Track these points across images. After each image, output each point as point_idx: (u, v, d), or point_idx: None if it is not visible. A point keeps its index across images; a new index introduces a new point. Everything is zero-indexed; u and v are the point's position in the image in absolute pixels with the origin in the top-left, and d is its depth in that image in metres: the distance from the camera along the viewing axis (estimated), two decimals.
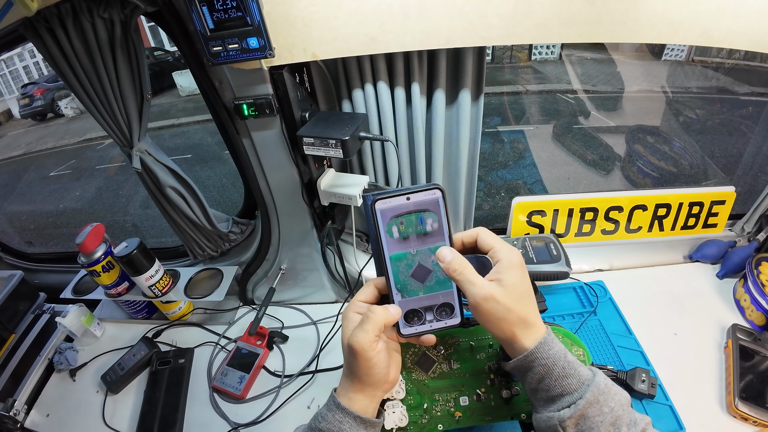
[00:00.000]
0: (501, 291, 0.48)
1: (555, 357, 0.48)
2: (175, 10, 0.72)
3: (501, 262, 0.50)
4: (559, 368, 0.47)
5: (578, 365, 0.48)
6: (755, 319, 0.99)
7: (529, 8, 0.70)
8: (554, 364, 0.48)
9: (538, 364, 0.48)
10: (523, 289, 0.50)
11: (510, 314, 0.48)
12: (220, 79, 0.81)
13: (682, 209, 1.11)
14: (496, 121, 5.48)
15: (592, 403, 0.45)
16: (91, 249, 1.03)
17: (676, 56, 6.86)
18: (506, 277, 0.49)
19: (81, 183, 5.60)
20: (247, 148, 0.91)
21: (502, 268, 0.50)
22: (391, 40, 0.73)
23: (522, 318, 0.49)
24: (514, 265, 0.50)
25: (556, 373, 0.47)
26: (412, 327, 0.55)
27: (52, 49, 0.76)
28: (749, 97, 5.32)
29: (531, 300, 0.51)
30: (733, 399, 0.83)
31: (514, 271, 0.50)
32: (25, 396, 1.02)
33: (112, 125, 0.86)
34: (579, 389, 0.47)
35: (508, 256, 0.50)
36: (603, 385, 0.47)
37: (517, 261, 0.51)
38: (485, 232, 0.53)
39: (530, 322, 0.50)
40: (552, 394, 0.48)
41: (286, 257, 1.13)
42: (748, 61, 5.92)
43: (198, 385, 1.02)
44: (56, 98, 8.74)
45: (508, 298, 0.48)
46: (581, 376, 0.47)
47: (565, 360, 0.48)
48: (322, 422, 0.51)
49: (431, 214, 0.52)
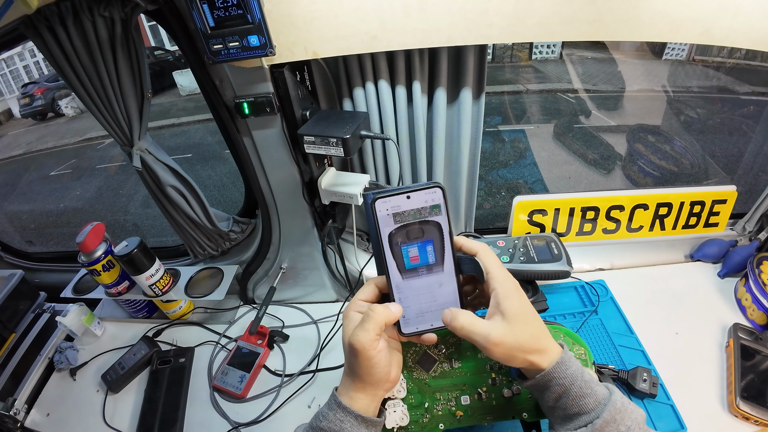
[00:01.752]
0: (506, 328, 0.48)
1: (572, 377, 0.48)
2: (175, 8, 0.72)
3: (497, 291, 0.50)
4: (577, 388, 0.48)
5: (595, 384, 0.49)
6: (757, 318, 0.99)
7: (530, 6, 0.70)
8: (572, 384, 0.48)
9: (556, 384, 0.48)
10: (525, 314, 0.50)
11: (522, 348, 0.49)
12: (221, 77, 0.81)
13: (684, 208, 1.11)
14: (496, 120, 5.48)
15: (608, 422, 0.45)
16: (92, 248, 1.02)
17: (677, 55, 6.86)
18: (506, 307, 0.49)
19: (81, 182, 5.60)
20: (248, 146, 0.91)
21: (500, 298, 0.50)
22: (392, 39, 0.73)
23: (534, 347, 0.49)
24: (510, 293, 0.50)
25: (573, 392, 0.48)
26: (412, 326, 0.54)
27: (52, 48, 0.76)
28: (750, 97, 5.32)
29: (537, 324, 0.51)
30: (734, 398, 0.83)
31: (513, 299, 0.50)
32: (25, 395, 1.02)
33: (112, 124, 0.86)
34: (596, 409, 0.47)
35: (503, 284, 0.51)
36: (620, 404, 0.47)
37: (512, 287, 0.50)
38: (485, 251, 0.53)
39: (543, 348, 0.50)
40: (569, 413, 0.48)
41: (286, 256, 1.13)
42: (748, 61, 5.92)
43: (198, 384, 1.02)
44: (56, 98, 8.74)
45: (515, 333, 0.48)
46: (598, 396, 0.48)
47: (582, 379, 0.48)
48: (323, 421, 0.51)
49: (432, 213, 0.52)
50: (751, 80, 5.52)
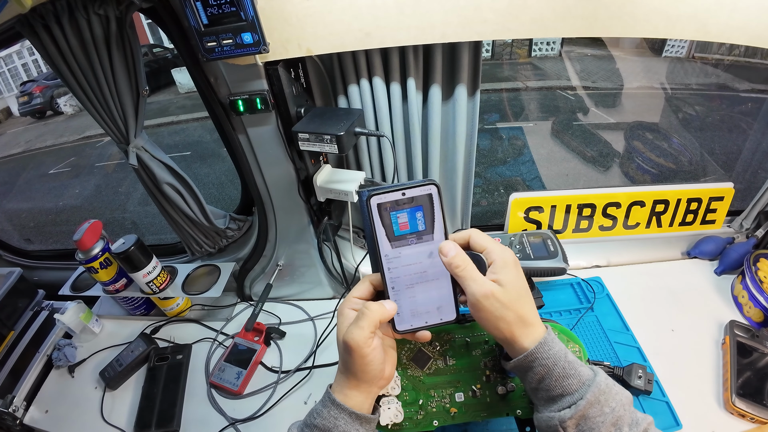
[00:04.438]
0: (500, 289, 0.48)
1: (555, 357, 0.48)
2: (169, 6, 0.72)
3: (495, 262, 0.51)
4: (560, 368, 0.48)
5: (579, 365, 0.48)
6: (753, 315, 0.99)
7: (524, 3, 0.70)
8: (555, 364, 0.48)
9: (539, 364, 0.48)
10: (519, 287, 0.50)
11: (508, 312, 0.49)
12: (216, 74, 0.81)
13: (680, 205, 1.11)
14: (494, 117, 5.47)
15: (592, 404, 0.45)
16: (89, 246, 1.03)
17: (677, 53, 6.84)
18: (503, 276, 0.49)
19: (80, 180, 5.60)
20: (243, 144, 0.91)
21: (498, 267, 0.50)
22: (385, 35, 0.73)
23: (520, 316, 0.49)
24: (508, 264, 0.50)
25: (556, 373, 0.47)
26: (407, 323, 0.55)
27: (48, 46, 0.76)
28: (749, 94, 5.31)
29: (528, 299, 0.51)
30: (730, 395, 0.84)
31: (510, 270, 0.50)
32: (24, 392, 1.02)
33: (108, 122, 0.87)
34: (580, 389, 0.47)
35: (501, 255, 0.51)
36: (604, 385, 0.47)
37: (511, 260, 0.51)
38: (477, 233, 0.54)
39: (529, 321, 0.50)
40: (552, 394, 0.48)
41: (283, 253, 1.13)
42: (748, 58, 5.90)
43: (196, 380, 1.03)
44: (55, 96, 8.73)
45: (507, 296, 0.49)
46: (582, 376, 0.47)
47: (566, 360, 0.48)
48: (318, 418, 0.51)
49: (427, 210, 0.52)
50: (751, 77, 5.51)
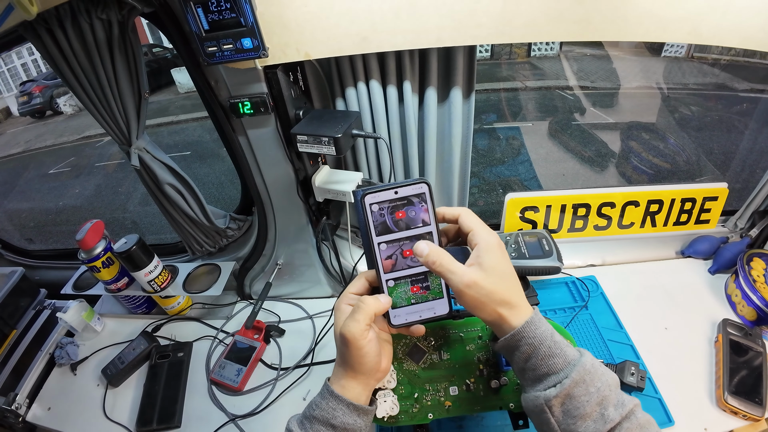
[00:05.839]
0: (482, 275, 0.49)
1: (541, 336, 0.48)
2: (171, 11, 0.73)
3: (479, 245, 0.51)
4: (546, 347, 0.48)
5: (565, 345, 0.49)
6: (746, 314, 1.00)
7: (517, 7, 0.71)
8: (540, 343, 0.48)
9: (525, 344, 0.49)
10: (503, 269, 0.50)
11: (493, 296, 0.49)
12: (216, 78, 0.82)
13: (674, 205, 1.12)
14: (492, 117, 5.47)
15: (578, 383, 0.46)
16: (91, 245, 1.04)
17: (676, 52, 6.84)
18: (485, 260, 0.49)
19: (80, 180, 5.60)
20: (243, 145, 0.92)
21: (481, 251, 0.50)
22: (382, 40, 0.75)
23: (505, 299, 0.49)
24: (491, 247, 0.50)
25: (542, 352, 0.48)
26: (401, 318, 0.56)
27: (51, 50, 0.77)
28: (749, 94, 5.32)
29: (513, 280, 0.51)
30: (722, 393, 0.85)
31: (493, 254, 0.50)
32: (26, 390, 1.03)
33: (110, 123, 0.88)
34: (565, 369, 0.47)
35: (485, 239, 0.51)
36: (590, 365, 0.47)
37: (494, 243, 0.51)
38: (467, 213, 0.54)
39: (514, 303, 0.50)
40: (538, 373, 0.49)
41: (282, 253, 1.14)
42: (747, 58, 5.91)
43: (196, 377, 1.04)
44: (55, 96, 8.72)
45: (490, 280, 0.49)
46: (567, 356, 0.48)
47: (552, 340, 0.49)
48: (317, 410, 0.52)
49: (419, 207, 0.53)
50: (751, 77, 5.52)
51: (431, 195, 0.53)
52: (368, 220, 0.53)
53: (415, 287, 0.56)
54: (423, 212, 0.53)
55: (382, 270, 0.55)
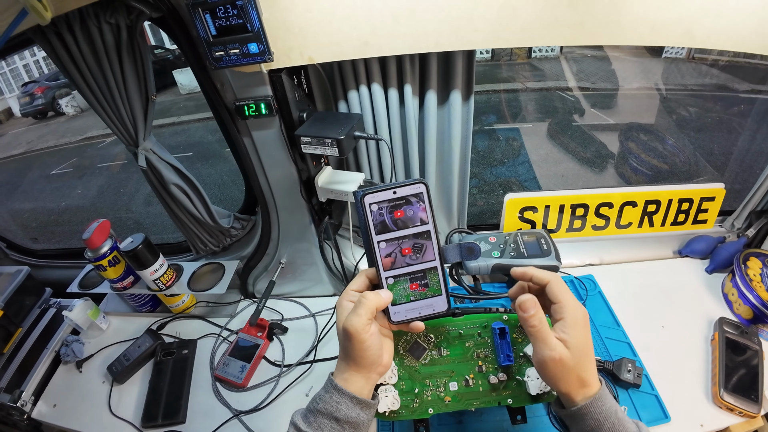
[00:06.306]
0: (568, 354, 0.50)
1: (607, 412, 0.50)
2: (179, 17, 0.75)
3: (566, 320, 0.52)
4: (609, 424, 0.50)
5: (627, 421, 0.51)
6: (742, 312, 1.01)
7: (513, 13, 0.72)
8: (606, 419, 0.50)
9: (591, 418, 0.51)
10: (585, 348, 0.52)
11: (572, 373, 0.51)
12: (222, 81, 0.84)
13: (672, 205, 1.13)
14: (492, 119, 5.48)
15: None
16: (98, 244, 1.05)
17: (677, 54, 6.83)
18: (572, 338, 0.51)
19: (83, 181, 5.61)
20: (248, 146, 0.94)
21: (568, 326, 0.52)
22: (382, 44, 0.76)
23: (582, 377, 0.51)
24: (578, 324, 0.52)
25: (606, 428, 0.50)
26: (401, 315, 0.58)
27: (60, 53, 0.78)
28: (749, 95, 5.31)
29: (591, 358, 0.53)
30: (718, 390, 0.86)
31: (580, 331, 0.51)
32: (32, 387, 1.05)
33: (118, 125, 0.89)
34: None
35: (573, 313, 0.52)
36: None
37: (581, 318, 0.52)
38: (557, 282, 0.55)
39: (587, 382, 0.52)
40: None
41: (285, 252, 1.16)
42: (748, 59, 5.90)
43: (201, 374, 1.05)
44: (57, 96, 8.73)
45: (574, 360, 0.50)
46: None
47: (616, 416, 0.51)
48: (320, 403, 0.54)
49: (417, 206, 0.55)
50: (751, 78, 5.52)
51: (429, 195, 0.55)
52: (368, 219, 0.55)
53: (414, 284, 0.57)
54: (421, 211, 0.55)
55: (382, 267, 0.56)
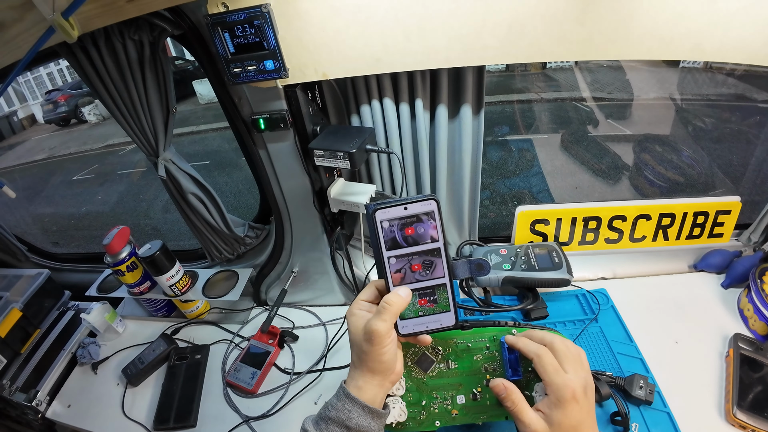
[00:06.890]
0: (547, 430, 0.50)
1: None
2: (199, 34, 0.78)
3: (549, 397, 0.52)
4: None
5: None
6: (758, 328, 0.98)
7: (522, 29, 0.73)
8: None
9: None
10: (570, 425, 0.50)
11: None
12: (240, 95, 0.86)
13: (687, 219, 1.11)
14: (504, 130, 5.44)
15: None
16: (117, 250, 1.08)
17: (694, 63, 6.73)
18: (554, 416, 0.50)
19: (104, 187, 5.75)
20: (263, 158, 0.96)
21: (551, 404, 0.51)
22: (394, 61, 0.78)
23: None
24: (562, 403, 0.50)
25: None
26: (409, 327, 0.58)
27: (85, 67, 0.82)
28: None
29: None
30: (731, 407, 0.83)
31: (563, 411, 0.50)
32: (47, 387, 1.07)
33: (140, 136, 0.92)
34: None
35: (558, 392, 0.51)
36: None
37: (567, 397, 0.50)
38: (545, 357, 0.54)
39: None
40: None
41: (298, 261, 1.17)
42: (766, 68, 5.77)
43: (213, 379, 1.07)
44: (80, 105, 8.97)
45: None
46: None
47: None
48: (332, 411, 0.54)
49: (427, 222, 0.56)
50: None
51: (440, 211, 0.55)
52: (378, 235, 0.56)
53: (422, 300, 0.58)
54: (432, 229, 0.56)
55: (392, 282, 0.57)
